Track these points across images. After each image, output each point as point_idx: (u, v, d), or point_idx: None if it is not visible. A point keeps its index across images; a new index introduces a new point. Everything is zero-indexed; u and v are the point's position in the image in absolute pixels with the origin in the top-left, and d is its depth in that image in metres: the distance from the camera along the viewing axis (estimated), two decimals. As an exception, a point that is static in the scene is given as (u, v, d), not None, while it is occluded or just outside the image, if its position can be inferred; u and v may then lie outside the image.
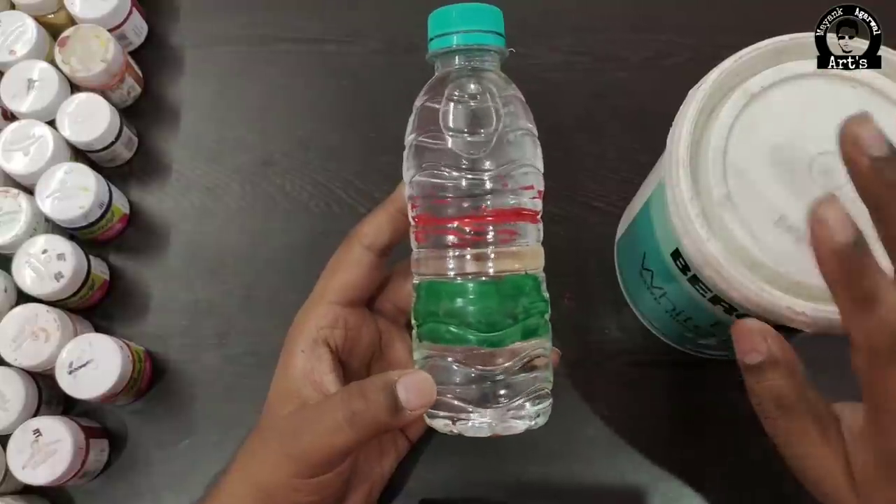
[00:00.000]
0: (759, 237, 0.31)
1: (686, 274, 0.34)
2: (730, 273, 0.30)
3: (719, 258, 0.31)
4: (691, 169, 0.32)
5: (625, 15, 0.52)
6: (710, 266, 0.31)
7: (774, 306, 0.30)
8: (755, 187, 0.32)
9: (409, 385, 0.29)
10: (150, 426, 0.44)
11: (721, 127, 0.33)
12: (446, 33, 0.32)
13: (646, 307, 0.42)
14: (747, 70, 0.34)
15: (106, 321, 0.45)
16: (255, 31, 0.52)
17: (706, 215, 0.32)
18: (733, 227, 0.31)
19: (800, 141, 0.32)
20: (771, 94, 0.33)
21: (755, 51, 0.34)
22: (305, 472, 0.31)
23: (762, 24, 0.50)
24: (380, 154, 0.48)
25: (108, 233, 0.46)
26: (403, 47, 0.51)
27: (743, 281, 0.30)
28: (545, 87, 0.50)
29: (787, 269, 0.30)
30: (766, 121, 0.33)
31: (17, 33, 0.46)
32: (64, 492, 0.42)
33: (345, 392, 0.31)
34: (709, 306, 0.34)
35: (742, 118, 0.33)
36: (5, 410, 0.39)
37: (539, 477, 0.42)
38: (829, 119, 0.32)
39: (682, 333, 0.40)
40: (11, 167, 0.43)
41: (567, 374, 0.43)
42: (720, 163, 0.32)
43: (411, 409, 0.29)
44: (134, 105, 0.50)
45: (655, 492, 0.41)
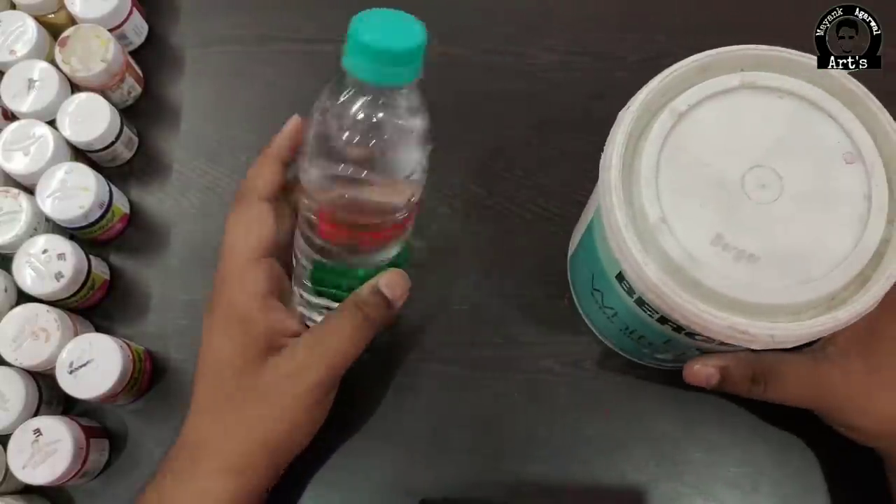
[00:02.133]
0: (696, 258, 0.30)
1: (632, 296, 0.33)
2: (670, 297, 0.30)
3: (658, 283, 0.30)
4: (625, 193, 0.32)
5: (623, 14, 0.52)
6: (651, 291, 0.31)
7: (717, 326, 0.30)
8: (690, 207, 0.31)
9: (389, 283, 0.36)
10: (150, 426, 0.44)
11: (651, 148, 0.32)
12: (360, 62, 0.30)
13: (601, 325, 0.42)
14: (673, 89, 0.33)
15: (106, 321, 0.45)
16: (254, 31, 0.52)
17: (643, 239, 0.31)
18: (670, 249, 0.31)
19: (730, 157, 0.32)
20: (698, 112, 0.33)
21: (679, 69, 0.33)
22: (330, 383, 0.36)
23: (761, 24, 0.50)
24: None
25: (109, 233, 0.46)
26: (403, 47, 0.51)
27: (683, 304, 0.30)
28: (543, 86, 0.50)
29: (726, 288, 0.30)
30: (696, 139, 0.33)
31: (17, 33, 0.46)
32: (64, 492, 0.42)
33: (348, 310, 0.35)
34: (658, 326, 0.34)
35: (672, 138, 0.32)
36: (5, 410, 0.39)
37: (539, 477, 0.42)
38: (759, 132, 0.33)
39: (638, 349, 0.40)
40: (12, 167, 0.43)
41: (567, 373, 0.43)
42: (653, 185, 0.32)
43: (397, 300, 0.36)
44: (134, 105, 0.50)
45: (655, 492, 0.41)
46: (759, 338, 0.30)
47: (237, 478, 0.35)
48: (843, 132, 0.32)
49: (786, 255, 0.31)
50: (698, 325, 0.30)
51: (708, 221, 0.31)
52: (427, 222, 0.47)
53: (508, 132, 0.49)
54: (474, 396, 0.43)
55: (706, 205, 0.32)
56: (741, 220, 0.31)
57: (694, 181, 0.32)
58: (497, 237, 0.46)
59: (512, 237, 0.46)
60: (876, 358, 0.35)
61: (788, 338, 0.30)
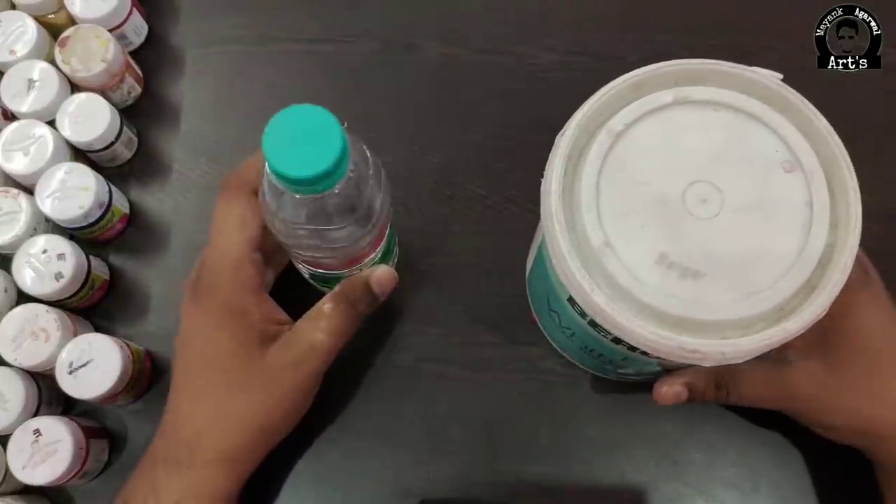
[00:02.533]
0: (642, 279, 0.30)
1: (585, 318, 0.33)
2: (618, 321, 0.30)
3: (605, 308, 0.30)
4: (566, 219, 0.31)
5: (623, 14, 0.52)
6: (599, 315, 0.30)
7: (667, 347, 0.30)
8: (632, 228, 0.31)
9: (379, 280, 0.37)
10: (150, 426, 0.43)
11: (591, 170, 0.32)
12: (284, 175, 0.29)
13: (562, 342, 0.41)
14: (609, 108, 0.33)
15: (106, 321, 0.45)
16: (254, 31, 0.52)
17: (587, 265, 0.31)
18: (615, 272, 0.30)
19: (669, 174, 0.32)
20: (635, 130, 0.33)
21: (613, 87, 0.33)
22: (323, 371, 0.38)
23: (761, 24, 0.50)
24: (379, 153, 0.48)
25: (108, 233, 0.46)
26: (402, 47, 0.51)
27: (633, 328, 0.30)
28: (543, 86, 0.50)
29: (673, 307, 0.30)
30: (634, 158, 0.32)
31: (17, 33, 0.46)
32: (64, 492, 0.42)
33: (340, 303, 0.37)
34: (614, 346, 0.33)
35: (610, 158, 0.32)
36: (5, 410, 0.39)
37: (539, 477, 0.42)
38: (696, 147, 0.32)
39: (601, 365, 0.40)
40: (11, 167, 0.43)
41: (567, 374, 0.43)
42: (594, 209, 0.31)
43: (384, 295, 0.38)
44: (134, 105, 0.50)
45: (655, 492, 0.41)
46: (710, 356, 0.29)
47: (234, 465, 0.36)
48: (781, 140, 0.32)
49: (731, 268, 0.30)
50: (649, 346, 0.30)
51: (651, 241, 0.31)
52: (427, 222, 0.47)
53: (508, 132, 0.49)
54: (474, 396, 0.43)
55: (648, 224, 0.31)
56: (684, 236, 0.31)
57: (635, 201, 0.31)
58: (497, 237, 0.46)
59: (512, 237, 0.46)
60: (835, 356, 0.35)
61: (738, 353, 0.30)
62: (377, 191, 0.34)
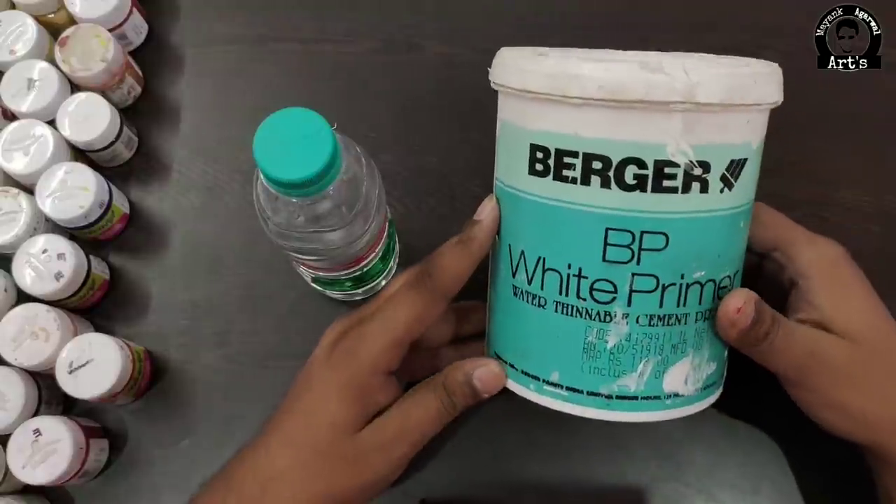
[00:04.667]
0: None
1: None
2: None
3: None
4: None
5: (622, 14, 0.52)
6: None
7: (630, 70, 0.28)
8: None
9: (482, 378, 0.35)
10: (150, 426, 0.44)
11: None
12: (276, 179, 0.29)
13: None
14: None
15: (106, 321, 0.45)
16: (254, 30, 0.52)
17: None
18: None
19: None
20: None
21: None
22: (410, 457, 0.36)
23: (761, 24, 0.50)
24: (379, 153, 0.48)
25: (108, 233, 0.46)
26: (402, 47, 0.51)
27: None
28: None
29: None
30: None
31: (17, 33, 0.46)
32: (64, 492, 0.42)
33: (437, 392, 0.36)
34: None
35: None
36: (5, 410, 0.39)
37: (539, 477, 0.42)
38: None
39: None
40: (11, 167, 0.43)
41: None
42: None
43: (486, 393, 0.35)
44: (134, 105, 0.50)
45: (655, 492, 0.41)
46: (676, 77, 0.27)
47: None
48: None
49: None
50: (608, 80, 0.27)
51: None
52: (427, 222, 0.47)
53: (508, 132, 0.48)
54: (474, 396, 0.43)
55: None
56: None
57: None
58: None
59: (512, 237, 0.46)
60: (887, 343, 0.35)
61: (703, 77, 0.27)
62: (372, 191, 0.34)
